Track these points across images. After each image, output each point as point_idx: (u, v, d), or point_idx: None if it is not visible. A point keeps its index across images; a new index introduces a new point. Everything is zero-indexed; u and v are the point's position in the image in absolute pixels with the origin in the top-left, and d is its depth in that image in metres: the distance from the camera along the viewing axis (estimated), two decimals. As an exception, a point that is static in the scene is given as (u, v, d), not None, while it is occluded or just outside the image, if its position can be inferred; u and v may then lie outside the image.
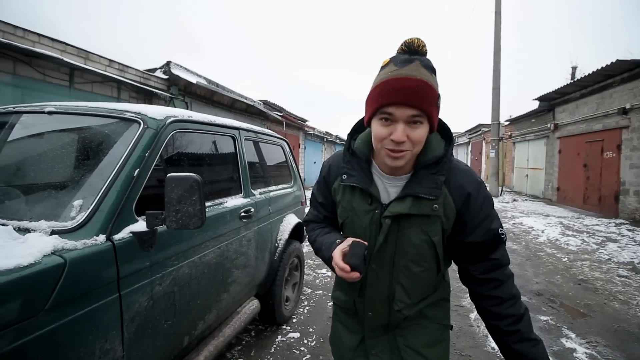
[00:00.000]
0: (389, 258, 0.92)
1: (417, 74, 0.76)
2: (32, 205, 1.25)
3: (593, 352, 2.50)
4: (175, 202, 1.17)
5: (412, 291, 0.94)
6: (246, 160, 2.29)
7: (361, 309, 1.01)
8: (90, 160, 1.37)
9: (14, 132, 1.55)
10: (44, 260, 0.96)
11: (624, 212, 7.96)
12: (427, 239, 0.88)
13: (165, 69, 7.06)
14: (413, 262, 0.91)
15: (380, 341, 1.01)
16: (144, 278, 1.27)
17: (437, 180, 0.84)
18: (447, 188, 0.86)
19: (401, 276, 0.92)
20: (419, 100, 0.75)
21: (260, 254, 2.31)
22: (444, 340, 1.01)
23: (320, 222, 1.09)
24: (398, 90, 0.75)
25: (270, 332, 2.70)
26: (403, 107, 0.76)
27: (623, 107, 7.84)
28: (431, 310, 0.99)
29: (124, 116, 1.46)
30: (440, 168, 0.85)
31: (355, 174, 0.92)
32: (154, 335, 1.33)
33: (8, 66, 4.23)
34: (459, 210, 0.87)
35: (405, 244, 0.89)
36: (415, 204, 0.85)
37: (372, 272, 0.94)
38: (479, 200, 0.86)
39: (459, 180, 0.87)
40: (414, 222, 0.87)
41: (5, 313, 0.85)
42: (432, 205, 0.85)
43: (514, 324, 0.88)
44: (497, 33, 12.85)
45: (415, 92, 0.75)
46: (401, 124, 0.77)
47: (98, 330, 1.08)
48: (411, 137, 0.78)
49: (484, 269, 0.90)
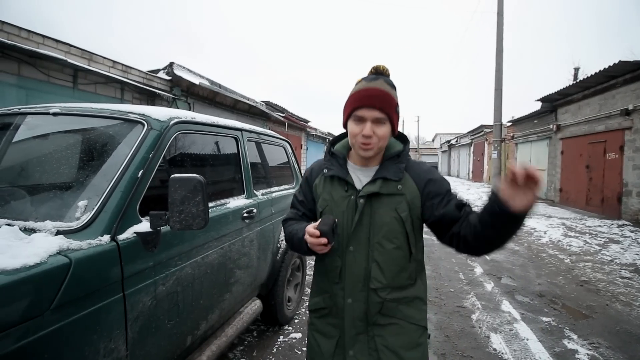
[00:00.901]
0: (364, 238, 1.06)
1: (381, 87, 1.03)
2: (37, 205, 1.26)
3: (595, 353, 2.50)
4: (179, 203, 1.18)
5: (386, 269, 1.05)
6: (249, 161, 2.31)
7: (340, 298, 1.08)
8: (94, 161, 1.38)
9: (19, 133, 1.57)
10: (49, 260, 0.97)
11: (626, 213, 7.93)
12: (396, 215, 1.04)
13: (168, 70, 7.09)
14: (385, 238, 1.04)
15: (358, 341, 1.06)
16: (148, 278, 1.28)
17: (400, 167, 1.07)
18: (408, 174, 1.08)
19: (376, 253, 1.05)
20: (381, 105, 1.00)
21: (262, 255, 2.32)
22: (422, 344, 1.08)
23: (298, 219, 1.22)
24: (367, 97, 1.01)
25: (272, 332, 2.71)
26: (371, 110, 1.00)
27: (626, 108, 7.81)
28: (407, 308, 1.07)
29: (128, 117, 1.48)
30: (401, 159, 1.09)
31: (334, 168, 1.12)
32: (157, 334, 1.34)
33: (13, 67, 4.26)
34: (423, 193, 1.06)
35: (378, 222, 1.05)
36: (384, 184, 1.05)
37: (350, 254, 1.07)
38: (437, 181, 1.07)
39: (418, 169, 1.10)
40: (384, 202, 1.05)
41: (12, 312, 0.86)
42: (397, 185, 1.05)
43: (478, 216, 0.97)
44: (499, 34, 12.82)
45: (379, 98, 1.00)
46: (369, 122, 1.01)
47: (102, 329, 1.09)
48: (377, 133, 1.01)
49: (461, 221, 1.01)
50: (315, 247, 0.99)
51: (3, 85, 4.16)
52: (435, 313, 3.11)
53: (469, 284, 3.92)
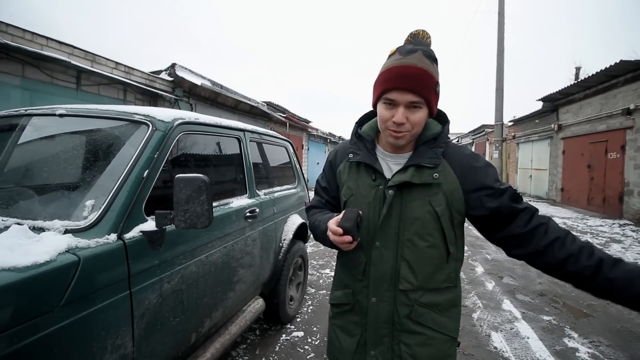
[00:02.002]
0: (393, 234, 0.93)
1: (418, 63, 0.84)
2: (45, 205, 1.29)
3: (595, 351, 2.51)
4: (184, 202, 1.20)
5: (418, 269, 0.91)
6: (251, 161, 2.33)
7: (364, 296, 0.97)
8: (100, 161, 1.41)
9: (26, 134, 1.59)
10: (59, 258, 0.99)
11: (628, 212, 7.92)
12: (431, 209, 0.90)
13: (170, 71, 7.13)
14: (417, 235, 0.91)
15: (382, 344, 0.95)
16: (154, 276, 1.31)
17: (436, 152, 0.91)
18: (446, 160, 0.92)
19: (406, 251, 0.91)
20: (418, 87, 0.83)
21: (265, 254, 2.34)
22: (451, 355, 0.95)
23: (322, 206, 1.13)
24: (400, 77, 0.83)
25: (275, 331, 2.74)
26: (404, 93, 0.84)
27: (627, 108, 7.81)
28: (440, 317, 0.93)
29: (133, 118, 1.50)
30: (438, 142, 0.93)
31: (361, 153, 0.98)
32: (162, 331, 1.36)
33: (17, 69, 4.30)
34: (462, 182, 0.90)
35: (409, 217, 0.91)
36: (416, 173, 0.90)
37: (376, 250, 0.94)
38: (483, 168, 0.91)
39: (458, 154, 0.93)
40: (416, 194, 0.91)
41: (24, 308, 0.89)
42: (433, 173, 0.90)
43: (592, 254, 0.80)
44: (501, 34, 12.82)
45: (415, 79, 0.83)
46: (402, 107, 0.85)
47: (110, 326, 1.12)
48: (410, 120, 0.86)
49: (524, 221, 0.87)
50: (340, 245, 0.89)
51: (8, 86, 4.20)
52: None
53: (470, 283, 3.94)
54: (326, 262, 4.69)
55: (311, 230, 1.09)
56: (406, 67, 0.83)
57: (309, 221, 1.13)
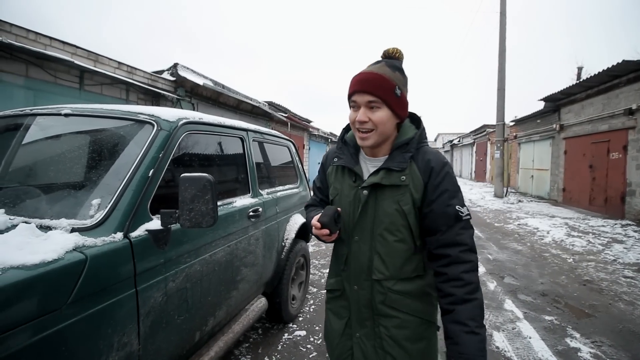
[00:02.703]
0: (368, 229, 1.04)
1: (375, 70, 0.99)
2: (52, 204, 1.30)
3: (598, 351, 2.52)
4: (189, 201, 1.21)
5: (388, 261, 1.03)
6: (254, 161, 2.34)
7: (348, 284, 1.11)
8: (106, 160, 1.42)
9: (32, 133, 1.61)
10: (66, 256, 1.01)
11: (630, 213, 7.90)
12: (399, 207, 1.00)
13: (173, 70, 7.15)
14: (387, 230, 1.02)
15: (365, 326, 1.07)
16: (159, 274, 1.32)
17: (405, 156, 1.01)
18: (415, 163, 1.02)
19: (378, 245, 1.03)
20: (373, 88, 0.96)
21: (267, 253, 2.35)
22: (428, 337, 1.06)
23: (317, 205, 1.26)
24: (359, 82, 0.99)
25: (277, 330, 2.75)
26: (362, 94, 0.98)
27: (629, 108, 7.79)
28: (414, 302, 1.04)
29: (138, 118, 1.52)
30: (409, 147, 1.02)
31: (344, 157, 1.11)
32: (167, 329, 1.38)
33: (21, 69, 4.32)
34: (426, 184, 1.00)
35: (381, 214, 1.02)
36: (386, 175, 1.01)
37: (355, 243, 1.07)
38: (440, 175, 0.99)
39: (426, 158, 1.02)
40: (388, 194, 1.02)
41: (32, 306, 0.90)
42: (400, 176, 1.00)
43: (453, 304, 0.94)
44: (502, 34, 12.81)
45: (370, 82, 0.97)
46: (362, 107, 0.99)
47: (116, 323, 1.13)
48: (372, 119, 0.98)
49: (437, 243, 0.98)
50: (320, 237, 1.04)
51: (12, 86, 4.22)
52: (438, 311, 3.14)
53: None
54: (328, 261, 4.70)
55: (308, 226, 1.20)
56: (364, 73, 0.99)
57: (307, 218, 1.24)
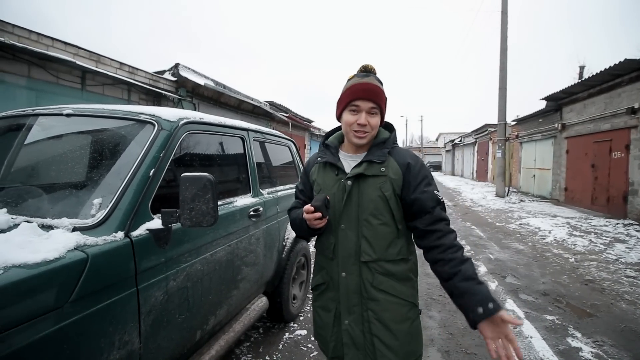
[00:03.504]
0: (354, 216, 1.15)
1: (374, 82, 1.16)
2: (54, 203, 1.31)
3: (599, 351, 2.51)
4: (190, 201, 1.22)
5: (375, 244, 1.13)
6: (255, 161, 2.35)
7: (335, 272, 1.19)
8: (107, 160, 1.43)
9: (34, 133, 1.62)
10: (68, 255, 1.01)
11: (632, 212, 7.88)
12: (381, 194, 1.13)
13: (174, 71, 7.17)
14: (372, 215, 1.13)
15: (353, 312, 1.16)
16: (160, 273, 1.33)
17: (383, 151, 1.17)
18: (393, 158, 1.17)
19: (364, 229, 1.14)
20: (376, 97, 1.13)
21: (268, 253, 2.36)
22: (411, 318, 1.16)
23: (300, 206, 1.33)
24: (363, 90, 1.13)
25: (278, 329, 2.75)
26: (366, 101, 1.13)
27: (631, 107, 7.76)
28: (398, 285, 1.15)
29: (139, 118, 1.52)
30: (386, 145, 1.19)
31: (327, 156, 1.25)
32: (168, 328, 1.38)
33: (23, 69, 4.34)
34: (404, 174, 1.14)
35: (365, 201, 1.14)
36: (368, 167, 1.15)
37: (342, 231, 1.17)
38: (417, 167, 1.16)
39: (402, 154, 1.19)
40: (370, 183, 1.15)
41: (33, 304, 0.91)
42: (380, 167, 1.15)
43: (457, 265, 1.06)
44: (504, 33, 12.78)
45: (373, 91, 1.13)
46: (364, 112, 1.13)
47: (117, 322, 1.14)
48: (370, 123, 1.14)
49: (427, 221, 1.12)
50: (312, 222, 1.12)
51: (14, 87, 4.24)
52: (440, 311, 3.14)
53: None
54: (329, 261, 4.70)
55: (293, 226, 1.33)
56: (367, 83, 1.14)
57: (290, 219, 1.35)
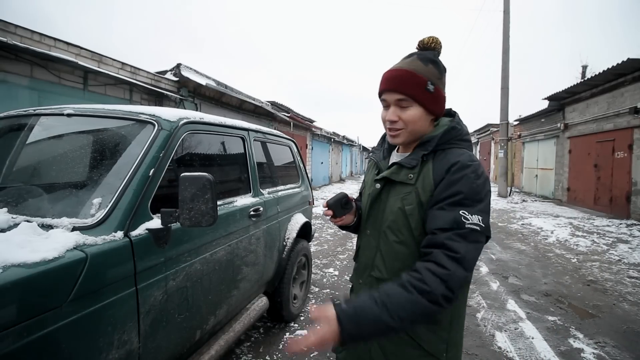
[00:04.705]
0: (378, 224, 0.99)
1: (404, 66, 0.92)
2: (54, 203, 1.31)
3: (601, 352, 2.50)
4: (189, 201, 1.22)
5: (387, 262, 0.94)
6: (255, 161, 2.35)
7: (356, 277, 1.08)
8: (107, 160, 1.43)
9: (35, 133, 1.62)
10: (67, 254, 1.02)
11: (635, 212, 7.83)
12: (402, 206, 0.91)
13: (176, 71, 7.18)
14: (389, 229, 0.94)
15: None
16: (159, 273, 1.33)
17: (419, 154, 0.93)
18: (433, 163, 0.90)
19: (382, 242, 0.97)
20: (401, 86, 0.90)
21: (268, 252, 2.36)
22: None
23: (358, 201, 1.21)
24: (386, 80, 0.94)
25: (279, 329, 2.75)
26: (391, 93, 0.92)
27: (635, 107, 7.71)
28: None
29: (139, 118, 1.53)
30: (427, 146, 0.93)
31: (376, 152, 1.11)
32: (168, 328, 1.38)
33: (25, 69, 4.36)
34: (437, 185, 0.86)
35: (388, 211, 0.96)
36: (396, 170, 0.97)
37: (366, 237, 1.04)
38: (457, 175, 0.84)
39: (448, 158, 0.88)
40: (396, 190, 0.96)
41: (32, 303, 0.91)
42: (408, 174, 0.93)
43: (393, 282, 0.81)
44: (506, 32, 12.74)
45: (397, 79, 0.91)
46: (392, 106, 0.94)
47: (116, 321, 1.14)
48: (402, 118, 0.92)
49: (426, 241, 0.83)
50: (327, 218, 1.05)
51: (16, 87, 4.26)
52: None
53: (474, 282, 3.92)
54: (330, 261, 4.70)
55: None
56: (392, 70, 0.93)
57: None
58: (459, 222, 0.80)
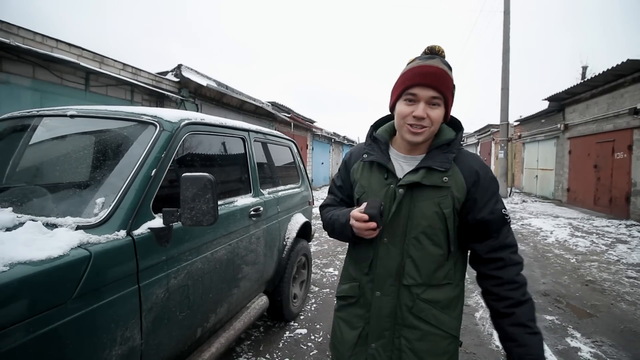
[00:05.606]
0: (400, 231, 0.97)
1: (439, 65, 0.92)
2: (58, 202, 1.34)
3: (598, 351, 2.52)
4: (190, 200, 1.25)
5: (422, 266, 0.96)
6: (255, 161, 2.37)
7: (369, 290, 1.02)
8: (110, 160, 1.46)
9: (39, 134, 1.65)
10: (71, 252, 1.04)
11: (635, 213, 7.84)
12: (439, 210, 0.94)
13: (177, 72, 7.21)
14: (424, 234, 0.95)
15: (383, 337, 0.99)
16: (161, 271, 1.35)
17: (448, 157, 0.96)
18: (458, 166, 0.97)
19: (412, 249, 0.96)
20: (438, 83, 0.90)
21: (268, 252, 2.39)
22: (449, 352, 0.98)
23: (336, 204, 1.16)
24: (423, 74, 0.91)
25: (279, 328, 2.78)
26: (425, 89, 0.90)
27: (634, 107, 7.73)
28: (441, 314, 0.97)
29: (141, 119, 1.55)
30: (451, 148, 0.98)
31: (375, 153, 1.04)
32: (169, 325, 1.41)
33: (28, 71, 4.40)
34: (469, 189, 0.95)
35: (418, 216, 0.96)
36: (427, 174, 0.95)
37: (383, 246, 0.99)
38: (487, 180, 0.96)
39: (469, 161, 0.98)
40: (427, 195, 0.95)
41: (38, 300, 0.94)
42: (443, 177, 0.95)
43: (511, 307, 0.94)
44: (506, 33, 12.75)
45: (436, 76, 0.90)
46: (423, 103, 0.91)
47: (119, 318, 1.16)
48: (430, 116, 0.92)
49: (489, 247, 0.96)
50: (364, 232, 0.93)
51: (19, 88, 4.29)
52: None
53: (473, 282, 3.94)
54: (330, 260, 4.73)
55: (327, 226, 1.12)
56: (428, 66, 0.91)
57: (324, 218, 1.14)
58: (504, 218, 0.96)
